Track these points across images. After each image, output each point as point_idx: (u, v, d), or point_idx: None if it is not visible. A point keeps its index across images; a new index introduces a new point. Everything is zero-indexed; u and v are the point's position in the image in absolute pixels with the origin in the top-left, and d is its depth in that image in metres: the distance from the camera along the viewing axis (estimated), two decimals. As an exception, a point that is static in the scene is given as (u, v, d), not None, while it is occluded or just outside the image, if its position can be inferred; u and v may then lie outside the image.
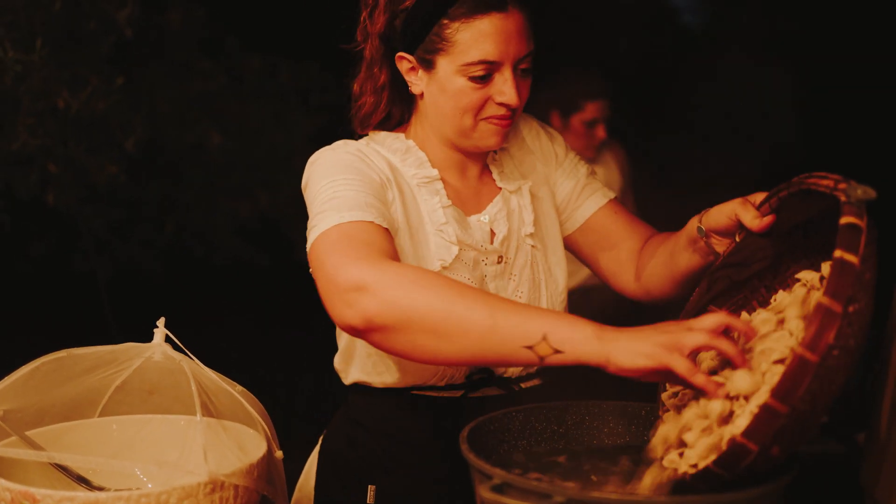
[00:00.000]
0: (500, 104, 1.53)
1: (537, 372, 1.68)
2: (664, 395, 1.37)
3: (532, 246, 1.66)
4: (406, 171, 1.60)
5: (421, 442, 1.63)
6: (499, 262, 1.62)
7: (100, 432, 1.51)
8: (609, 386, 1.54)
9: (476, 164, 1.67)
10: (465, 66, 1.50)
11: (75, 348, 1.48)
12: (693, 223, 1.56)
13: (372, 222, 1.43)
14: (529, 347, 1.21)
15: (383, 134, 1.65)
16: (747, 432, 1.05)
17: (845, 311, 1.03)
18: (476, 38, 1.49)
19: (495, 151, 1.70)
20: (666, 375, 1.17)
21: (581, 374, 1.72)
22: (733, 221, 1.43)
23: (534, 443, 1.41)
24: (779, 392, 1.03)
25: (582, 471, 1.32)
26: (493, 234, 1.63)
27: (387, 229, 1.45)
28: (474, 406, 1.57)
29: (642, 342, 1.16)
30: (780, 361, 1.16)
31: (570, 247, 1.78)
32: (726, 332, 1.20)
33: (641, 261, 1.70)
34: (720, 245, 1.51)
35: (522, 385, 1.66)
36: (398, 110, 1.66)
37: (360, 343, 1.63)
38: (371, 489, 1.61)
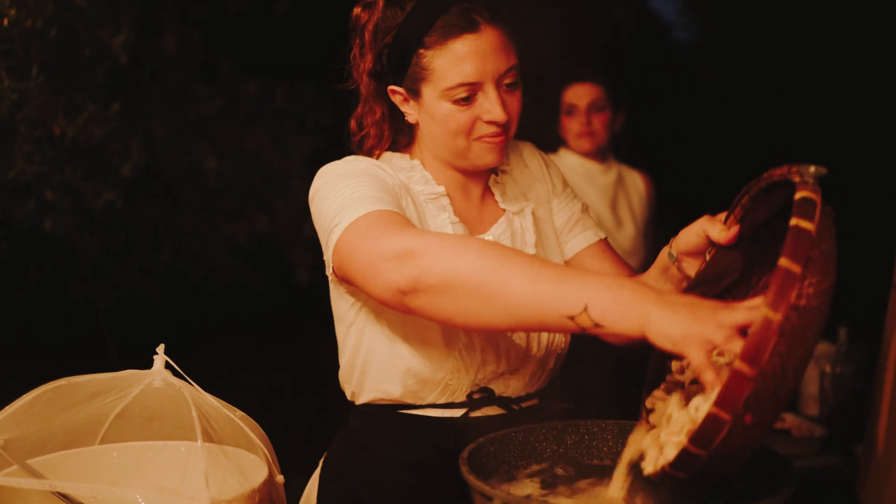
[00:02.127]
0: (489, 122, 1.54)
1: (536, 392, 1.68)
2: (673, 364, 1.36)
3: None
4: (414, 187, 1.62)
5: (421, 463, 1.63)
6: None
7: (101, 460, 1.51)
8: (606, 403, 1.54)
9: (478, 185, 1.69)
10: (446, 91, 1.52)
11: (75, 376, 1.48)
12: (663, 253, 1.58)
13: (396, 212, 1.45)
14: (571, 318, 1.22)
15: (388, 154, 1.68)
16: (719, 401, 1.04)
17: (804, 273, 1.05)
18: (452, 62, 1.51)
19: (496, 173, 1.72)
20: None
21: (576, 392, 1.73)
22: (703, 239, 1.45)
23: (534, 463, 1.41)
24: (746, 355, 1.03)
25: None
26: None
27: (410, 222, 1.46)
28: (475, 426, 1.58)
29: (675, 327, 1.14)
30: None
31: None
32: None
33: None
34: (692, 268, 1.52)
35: (522, 405, 1.66)
36: (404, 138, 1.69)
37: (361, 360, 1.63)
38: (372, 512, 1.61)
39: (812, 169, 1.16)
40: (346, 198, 1.48)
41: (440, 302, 1.31)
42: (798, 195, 1.12)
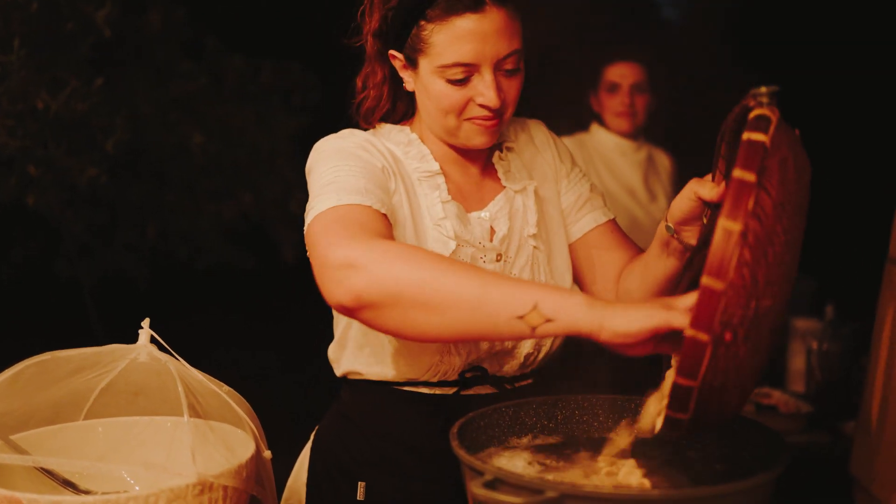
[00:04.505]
0: (481, 105, 1.52)
1: (531, 372, 1.67)
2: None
3: (534, 247, 1.65)
4: (409, 164, 1.60)
5: (412, 439, 1.62)
6: (497, 261, 1.61)
7: (85, 435, 1.49)
8: (600, 385, 1.53)
9: (477, 161, 1.67)
10: (441, 69, 1.49)
11: (59, 351, 1.46)
12: (661, 227, 1.56)
13: (370, 206, 1.43)
14: (520, 318, 1.19)
15: (388, 126, 1.65)
16: (694, 322, 1.03)
17: (760, 182, 1.04)
18: (451, 40, 1.47)
19: (501, 150, 1.70)
20: (659, 343, 1.16)
21: (573, 373, 1.72)
22: (695, 203, 1.44)
23: (525, 437, 1.40)
24: (711, 269, 1.02)
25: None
26: (492, 231, 1.62)
27: (385, 215, 1.45)
28: (466, 404, 1.57)
29: (638, 307, 1.15)
30: None
31: None
32: None
33: (620, 282, 1.70)
34: (692, 236, 1.51)
35: (516, 385, 1.65)
36: (402, 105, 1.66)
37: (353, 333, 1.63)
38: (361, 486, 1.60)
39: (763, 89, 1.15)
40: (326, 182, 1.47)
41: (387, 315, 1.28)
42: (751, 115, 1.11)
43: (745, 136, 1.07)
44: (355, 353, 1.64)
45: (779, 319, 1.11)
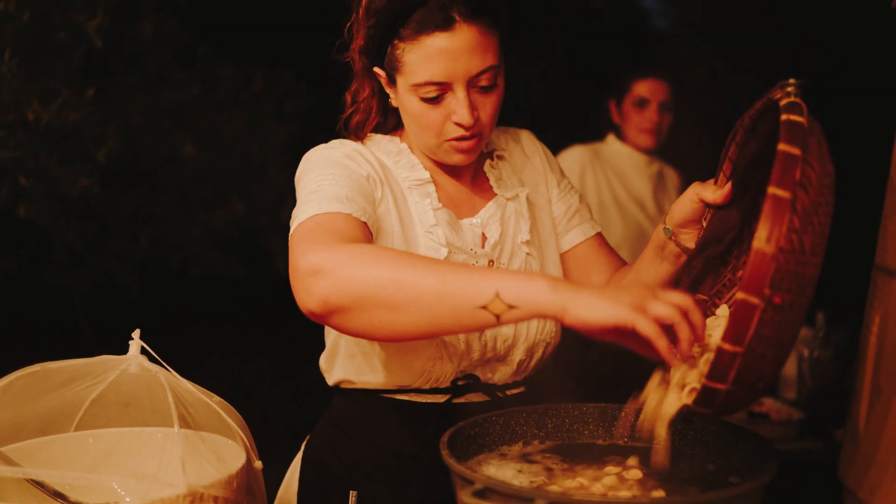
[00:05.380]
0: (457, 124, 1.52)
1: (523, 380, 1.68)
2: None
3: (528, 253, 1.65)
4: (398, 173, 1.61)
5: (404, 447, 1.62)
6: (490, 267, 1.61)
7: (76, 446, 1.49)
8: (593, 392, 1.54)
9: (468, 170, 1.67)
10: (415, 87, 1.50)
11: (49, 362, 1.46)
12: (658, 230, 1.57)
13: (349, 214, 1.43)
14: (483, 307, 1.19)
15: (378, 137, 1.66)
16: (745, 286, 1.05)
17: (804, 156, 1.08)
18: (422, 59, 1.47)
19: (492, 158, 1.70)
20: (622, 336, 1.16)
21: (565, 381, 1.73)
22: (697, 205, 1.45)
23: (515, 446, 1.40)
24: (763, 235, 1.05)
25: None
26: (484, 237, 1.63)
27: (364, 223, 1.45)
28: (457, 412, 1.57)
29: (606, 298, 1.15)
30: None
31: None
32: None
33: None
34: (690, 240, 1.51)
35: (507, 392, 1.65)
36: (394, 117, 1.67)
37: (345, 342, 1.63)
38: (353, 495, 1.60)
39: (792, 80, 1.20)
40: (310, 191, 1.48)
41: (355, 318, 1.28)
42: (783, 102, 1.17)
43: (784, 117, 1.12)
44: (346, 362, 1.64)
45: (811, 293, 1.13)
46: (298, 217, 1.44)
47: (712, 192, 1.41)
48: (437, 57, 1.47)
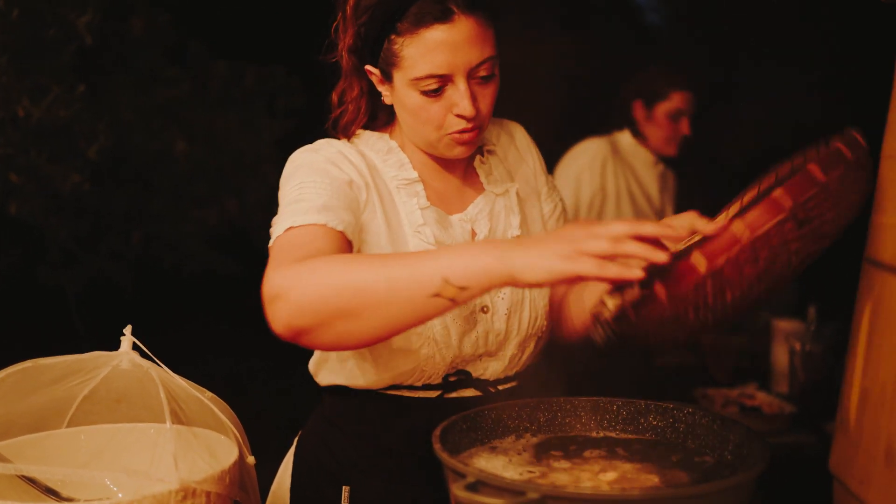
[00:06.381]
0: (458, 116, 1.52)
1: (514, 374, 1.68)
2: None
3: None
4: (387, 172, 1.60)
5: (396, 442, 1.62)
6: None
7: (68, 443, 1.49)
8: (587, 385, 1.54)
9: (458, 166, 1.67)
10: (415, 81, 1.49)
11: (41, 358, 1.46)
12: None
13: (324, 225, 1.43)
14: (436, 295, 1.20)
15: (367, 133, 1.65)
16: (786, 188, 1.10)
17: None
18: (422, 52, 1.47)
19: (482, 153, 1.70)
20: (577, 279, 1.17)
21: (557, 374, 1.73)
22: (685, 231, 1.46)
23: (507, 440, 1.41)
24: (820, 160, 1.11)
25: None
26: (473, 233, 1.63)
27: (341, 232, 1.44)
28: (450, 407, 1.57)
29: (544, 257, 1.15)
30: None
31: None
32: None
33: (578, 289, 1.71)
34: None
35: (500, 387, 1.65)
36: (384, 115, 1.66)
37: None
38: (345, 490, 1.60)
39: (854, 133, 1.23)
40: (289, 201, 1.48)
41: (321, 336, 1.28)
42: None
43: (837, 145, 1.17)
44: (337, 366, 1.63)
45: (798, 267, 1.16)
46: (276, 230, 1.45)
47: (704, 224, 1.41)
48: (437, 49, 1.46)
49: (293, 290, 1.27)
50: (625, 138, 3.63)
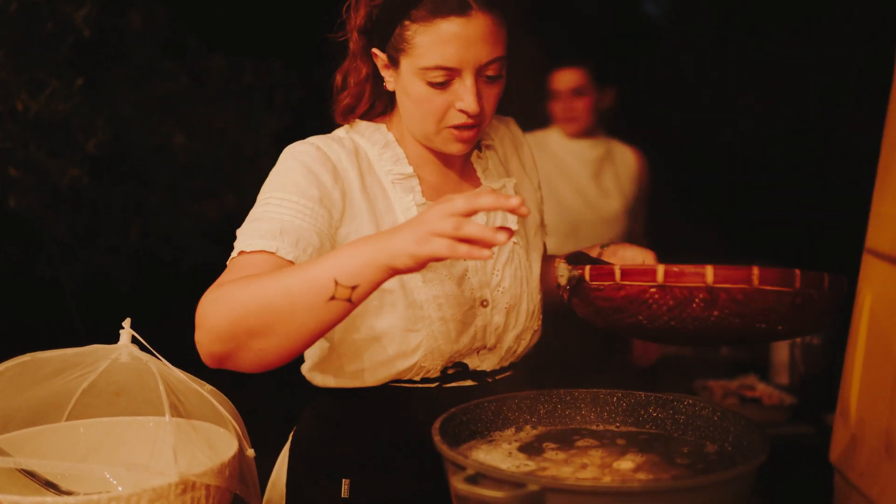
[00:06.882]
0: (461, 111, 1.51)
1: (510, 365, 1.68)
2: None
3: (514, 242, 1.65)
4: (382, 166, 1.59)
5: (394, 434, 1.62)
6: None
7: (67, 436, 1.49)
8: (583, 375, 1.54)
9: (455, 161, 1.66)
10: (423, 70, 1.48)
11: (40, 352, 1.46)
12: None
13: (273, 253, 1.43)
14: (332, 298, 1.23)
15: (364, 124, 1.64)
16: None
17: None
18: (435, 42, 1.46)
19: (479, 148, 1.70)
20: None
21: (550, 363, 1.73)
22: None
23: (507, 432, 1.41)
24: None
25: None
26: None
27: (290, 262, 1.43)
28: (447, 397, 1.57)
29: (405, 241, 1.20)
30: None
31: None
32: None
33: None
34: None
35: (496, 378, 1.65)
36: (381, 103, 1.65)
37: (336, 355, 1.61)
38: (346, 482, 1.60)
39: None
40: (254, 215, 1.50)
41: (242, 358, 1.32)
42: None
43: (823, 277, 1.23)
44: (333, 372, 1.62)
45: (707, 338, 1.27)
46: (235, 248, 1.47)
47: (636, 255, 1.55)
48: (450, 42, 1.45)
49: (208, 317, 1.31)
50: (550, 133, 3.53)
